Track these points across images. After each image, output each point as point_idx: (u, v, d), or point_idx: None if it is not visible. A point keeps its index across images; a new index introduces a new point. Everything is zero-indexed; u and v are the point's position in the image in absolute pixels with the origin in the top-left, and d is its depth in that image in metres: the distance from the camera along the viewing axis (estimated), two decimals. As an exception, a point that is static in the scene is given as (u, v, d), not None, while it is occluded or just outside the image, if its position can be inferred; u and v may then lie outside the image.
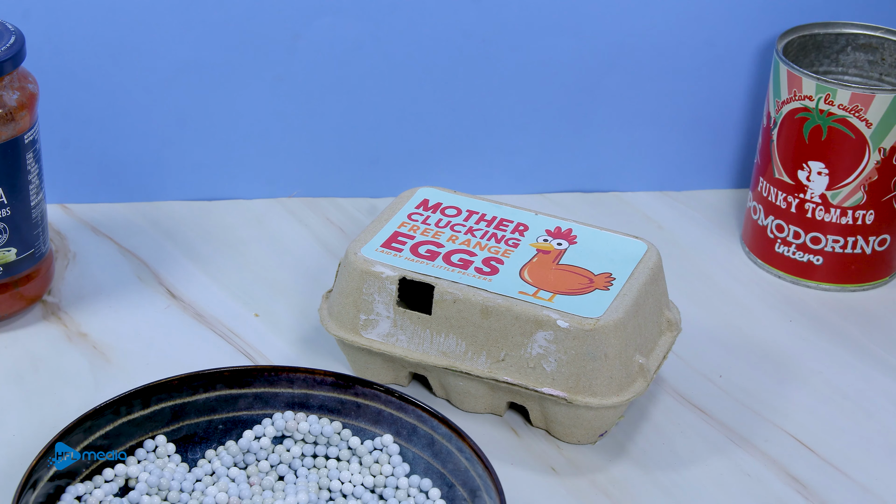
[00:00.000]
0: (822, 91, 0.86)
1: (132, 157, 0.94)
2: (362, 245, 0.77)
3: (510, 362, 0.74)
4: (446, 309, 0.75)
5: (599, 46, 0.95)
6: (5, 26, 0.79)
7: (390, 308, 0.76)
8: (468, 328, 0.74)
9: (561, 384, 0.73)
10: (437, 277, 0.75)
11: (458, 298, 0.74)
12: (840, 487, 0.74)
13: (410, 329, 0.76)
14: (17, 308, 0.83)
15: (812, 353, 0.85)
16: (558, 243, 0.78)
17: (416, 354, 0.76)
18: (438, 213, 0.81)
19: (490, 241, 0.79)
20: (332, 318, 0.78)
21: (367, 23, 0.92)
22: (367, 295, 0.76)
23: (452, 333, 0.75)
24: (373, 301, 0.76)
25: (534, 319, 0.73)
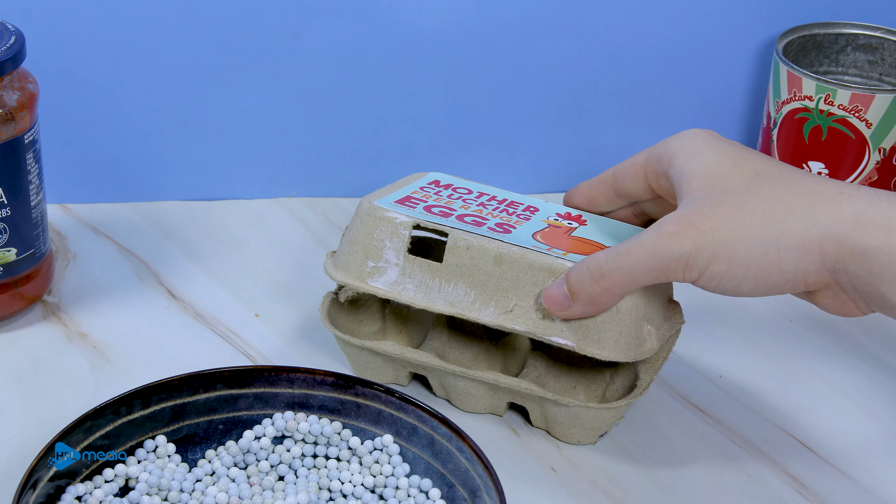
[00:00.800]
0: (822, 91, 0.86)
1: (132, 157, 0.94)
2: (377, 198, 0.77)
3: (519, 313, 0.73)
4: (459, 256, 0.74)
5: (599, 46, 0.95)
6: (5, 26, 0.79)
7: (400, 255, 0.75)
8: (479, 277, 0.73)
9: (569, 335, 0.72)
10: (452, 227, 0.75)
11: (471, 245, 0.73)
12: (840, 487, 0.75)
13: (419, 277, 0.75)
14: (17, 308, 0.83)
15: (812, 353, 0.85)
16: (569, 223, 0.78)
17: (421, 302, 0.74)
18: (450, 190, 0.80)
19: (502, 213, 0.78)
20: (338, 268, 0.77)
21: (367, 23, 0.92)
22: (378, 241, 0.75)
23: (462, 283, 0.74)
24: (383, 247, 0.75)
25: (547, 268, 0.72)
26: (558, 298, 0.70)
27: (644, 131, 0.99)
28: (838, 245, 0.64)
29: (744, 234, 0.64)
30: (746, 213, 0.65)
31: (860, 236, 0.63)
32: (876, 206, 0.64)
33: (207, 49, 0.91)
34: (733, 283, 0.66)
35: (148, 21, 0.90)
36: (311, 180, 0.97)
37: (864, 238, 0.63)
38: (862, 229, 0.63)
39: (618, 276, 0.67)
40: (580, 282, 0.68)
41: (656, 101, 0.98)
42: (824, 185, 0.66)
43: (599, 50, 0.96)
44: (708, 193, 0.66)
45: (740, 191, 0.66)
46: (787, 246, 0.64)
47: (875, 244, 0.63)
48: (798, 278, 0.65)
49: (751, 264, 0.65)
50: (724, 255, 0.65)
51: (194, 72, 0.92)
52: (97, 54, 0.90)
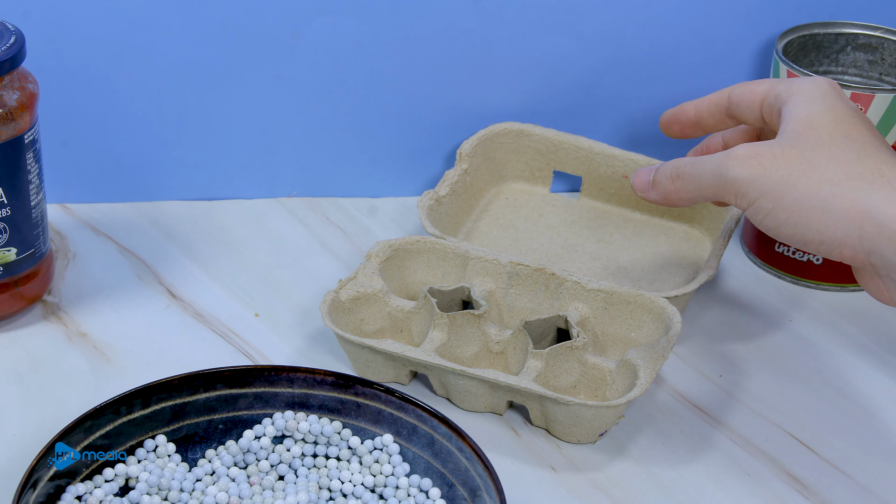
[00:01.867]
0: (821, 91, 0.86)
1: (132, 157, 0.94)
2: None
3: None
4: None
5: (599, 46, 0.95)
6: (5, 26, 0.79)
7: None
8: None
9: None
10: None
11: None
12: (840, 487, 0.75)
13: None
14: (17, 308, 0.83)
15: (812, 353, 0.85)
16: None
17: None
18: None
19: None
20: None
21: (367, 23, 0.92)
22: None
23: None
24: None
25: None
26: (642, 181, 0.75)
27: (644, 131, 0.99)
28: (879, 227, 0.66)
29: (798, 182, 0.68)
30: (810, 166, 0.68)
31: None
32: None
33: (207, 49, 0.91)
34: (775, 222, 0.69)
35: (148, 21, 0.90)
36: (311, 180, 0.97)
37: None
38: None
39: (688, 180, 0.72)
40: (662, 175, 0.74)
41: (656, 100, 0.98)
42: (892, 168, 0.68)
43: (599, 50, 0.95)
44: (793, 136, 0.70)
45: (819, 144, 0.69)
46: (832, 209, 0.67)
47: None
48: (833, 245, 0.68)
49: (794, 212, 0.68)
50: (773, 195, 0.68)
51: (194, 72, 0.92)
52: (97, 54, 0.90)
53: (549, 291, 0.83)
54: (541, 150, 0.96)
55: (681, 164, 0.73)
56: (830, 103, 0.71)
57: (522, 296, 0.83)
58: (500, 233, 0.92)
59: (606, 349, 0.82)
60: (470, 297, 0.82)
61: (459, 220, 0.92)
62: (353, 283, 0.81)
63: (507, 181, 0.97)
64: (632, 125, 0.99)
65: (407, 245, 0.85)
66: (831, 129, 0.69)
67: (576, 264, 0.89)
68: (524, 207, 0.95)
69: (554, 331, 0.81)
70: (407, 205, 0.97)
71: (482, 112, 0.97)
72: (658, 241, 0.92)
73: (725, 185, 0.70)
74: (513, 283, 0.83)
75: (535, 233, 0.92)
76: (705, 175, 0.71)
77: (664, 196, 0.74)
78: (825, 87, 0.72)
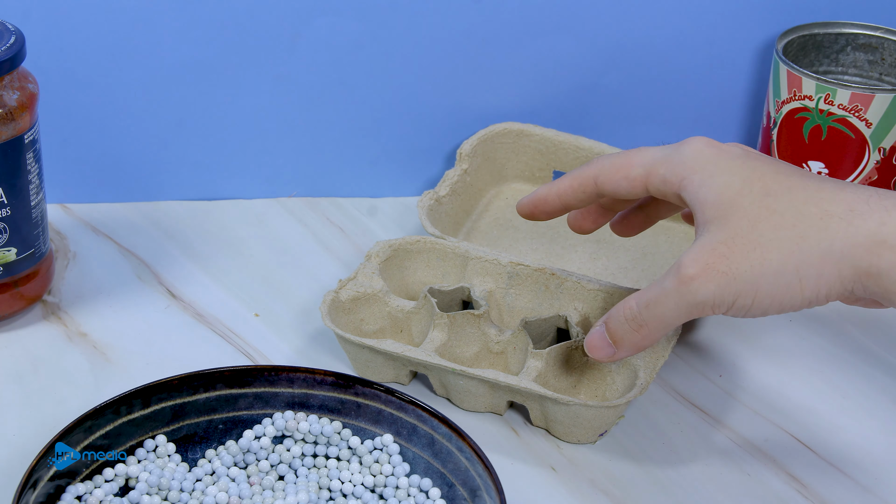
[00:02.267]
0: (821, 91, 0.86)
1: (132, 157, 0.94)
2: None
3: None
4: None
5: (599, 46, 0.95)
6: (5, 26, 0.79)
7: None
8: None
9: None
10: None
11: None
12: (840, 487, 0.75)
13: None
14: (17, 308, 0.83)
15: (812, 353, 0.85)
16: None
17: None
18: None
19: None
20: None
21: (367, 23, 0.92)
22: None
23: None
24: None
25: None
26: (602, 346, 0.73)
27: (644, 131, 0.99)
28: (854, 268, 0.66)
29: (763, 269, 0.67)
30: (762, 248, 0.67)
31: (873, 258, 0.66)
32: (886, 225, 0.66)
33: (207, 49, 0.91)
34: (760, 310, 0.68)
35: (148, 21, 0.90)
36: (311, 180, 0.97)
37: (877, 260, 0.65)
38: (874, 251, 0.65)
39: (654, 323, 0.70)
40: (621, 331, 0.71)
41: (656, 100, 0.98)
42: (834, 204, 0.67)
43: (599, 50, 0.95)
44: (722, 224, 0.68)
45: (753, 220, 0.67)
46: (807, 274, 0.66)
47: (887, 264, 0.65)
48: (820, 298, 0.67)
49: (775, 294, 0.67)
50: (748, 292, 0.67)
51: (194, 72, 0.92)
52: (97, 54, 0.90)
53: (549, 291, 0.83)
54: (541, 150, 0.96)
55: (635, 313, 0.71)
56: (725, 168, 0.69)
57: (522, 296, 0.83)
58: (500, 233, 0.92)
59: None
60: (470, 297, 0.82)
61: (459, 220, 0.92)
62: (353, 283, 0.81)
63: (508, 181, 0.97)
64: (632, 125, 0.99)
65: (407, 245, 0.85)
66: (747, 195, 0.68)
67: (576, 264, 0.89)
68: None
69: (554, 331, 0.81)
70: (407, 205, 0.97)
71: (482, 112, 0.97)
72: (658, 241, 0.92)
73: (698, 309, 0.68)
74: (513, 283, 0.83)
75: (534, 233, 0.92)
76: (671, 311, 0.69)
77: (635, 349, 0.72)
78: (708, 153, 0.70)
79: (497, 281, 0.84)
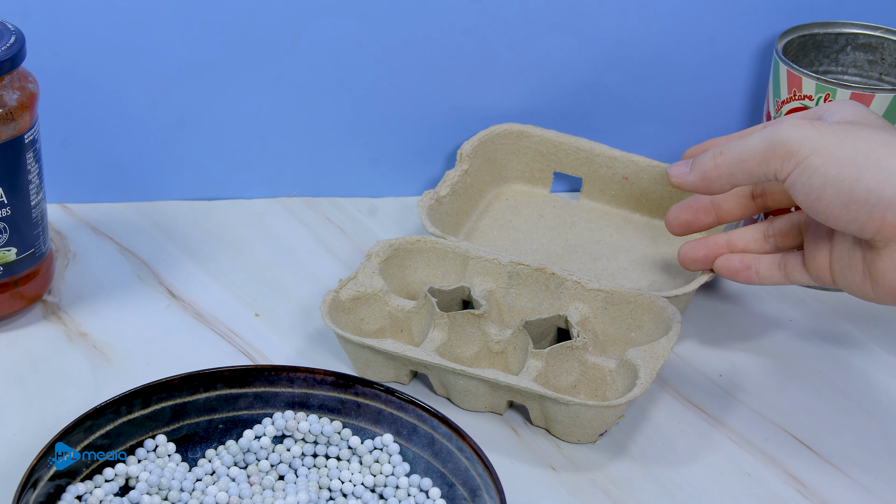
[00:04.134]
0: (821, 91, 0.86)
1: (132, 156, 0.94)
2: None
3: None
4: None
5: (599, 46, 0.95)
6: (5, 26, 0.79)
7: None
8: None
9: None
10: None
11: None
12: (840, 487, 0.75)
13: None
14: (18, 308, 0.83)
15: (812, 353, 0.85)
16: None
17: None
18: None
19: None
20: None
21: (367, 23, 0.92)
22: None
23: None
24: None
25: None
26: (681, 166, 0.75)
27: (644, 131, 0.99)
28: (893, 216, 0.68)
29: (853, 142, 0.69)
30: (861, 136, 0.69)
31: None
32: None
33: (207, 49, 0.91)
34: (822, 180, 0.69)
35: (148, 21, 0.90)
36: (311, 180, 0.97)
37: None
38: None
39: (731, 154, 0.72)
40: (703, 158, 0.74)
41: (656, 100, 0.98)
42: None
43: (599, 50, 0.96)
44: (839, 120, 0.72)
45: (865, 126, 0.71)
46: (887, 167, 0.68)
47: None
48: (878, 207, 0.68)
49: (845, 167, 0.68)
50: (826, 151, 0.69)
51: (194, 72, 0.92)
52: (97, 54, 0.90)
53: (549, 291, 0.83)
54: (541, 152, 0.96)
55: (722, 145, 0.74)
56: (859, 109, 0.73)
57: (522, 295, 0.83)
58: (500, 233, 0.92)
59: (606, 349, 0.82)
60: (470, 297, 0.82)
61: (460, 221, 0.92)
62: (354, 282, 0.81)
63: (508, 182, 0.97)
64: (632, 125, 0.99)
65: (407, 245, 0.85)
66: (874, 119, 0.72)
67: (576, 264, 0.89)
68: (525, 208, 0.95)
69: (554, 330, 0.81)
70: (407, 205, 0.97)
71: (482, 112, 0.97)
72: (658, 242, 0.92)
73: (775, 148, 0.70)
74: (513, 282, 0.83)
75: (535, 233, 0.92)
76: (752, 143, 0.71)
77: (703, 177, 0.74)
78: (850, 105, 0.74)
79: (497, 281, 0.84)
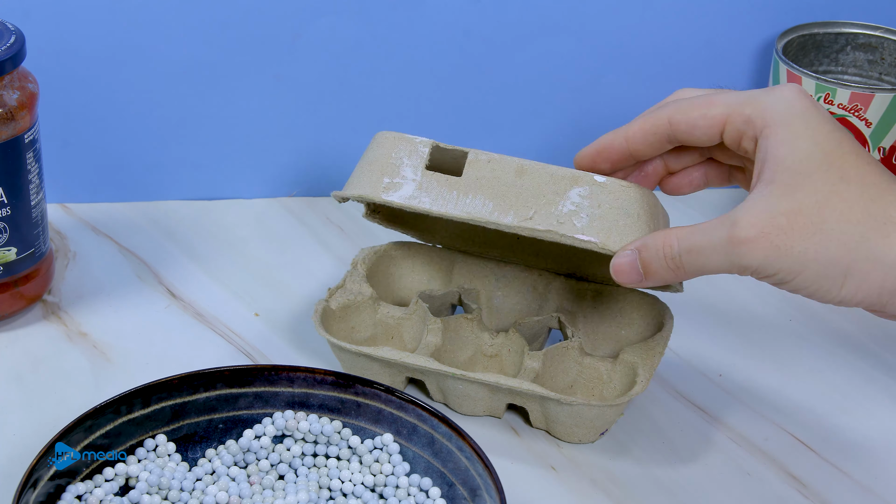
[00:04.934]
0: (821, 90, 0.86)
1: (132, 156, 0.94)
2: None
3: (538, 219, 0.72)
4: (479, 169, 0.73)
5: (599, 46, 0.95)
6: (5, 26, 0.79)
7: (418, 171, 0.74)
8: (499, 188, 0.73)
9: (593, 234, 0.71)
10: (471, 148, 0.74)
11: (493, 159, 0.73)
12: (840, 487, 0.75)
13: (436, 191, 0.74)
14: (18, 308, 0.83)
15: (812, 352, 0.85)
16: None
17: (438, 211, 0.73)
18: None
19: None
20: (350, 186, 0.76)
21: (367, 23, 0.92)
22: (396, 159, 0.74)
23: (481, 194, 0.73)
24: (401, 165, 0.74)
25: (570, 176, 0.72)
26: (630, 272, 0.70)
27: (644, 131, 0.99)
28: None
29: (817, 256, 0.66)
30: (823, 234, 0.66)
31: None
32: None
33: (207, 49, 0.91)
34: (794, 289, 0.67)
35: (148, 21, 0.90)
36: (311, 180, 0.97)
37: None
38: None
39: (692, 269, 0.69)
40: (656, 265, 0.70)
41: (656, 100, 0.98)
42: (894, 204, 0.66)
43: (599, 50, 0.96)
44: (788, 192, 0.66)
45: (821, 202, 0.66)
46: (853, 274, 0.66)
47: None
48: (853, 301, 0.67)
49: (815, 283, 0.66)
50: (793, 271, 0.66)
51: (194, 72, 0.92)
52: (97, 54, 0.90)
53: (536, 292, 0.83)
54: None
55: (674, 251, 0.69)
56: (812, 132, 0.67)
57: (510, 297, 0.83)
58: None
59: (597, 347, 0.82)
60: (461, 301, 0.82)
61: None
62: (342, 291, 0.81)
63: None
64: (632, 125, 0.99)
65: (392, 251, 0.84)
66: (824, 172, 0.66)
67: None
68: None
69: (546, 331, 0.81)
70: (407, 205, 0.97)
71: (482, 112, 0.97)
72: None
73: (738, 270, 0.67)
74: (500, 284, 0.83)
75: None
76: (712, 264, 0.68)
77: (663, 282, 0.70)
78: (800, 105, 0.68)
79: (484, 283, 0.83)
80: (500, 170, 0.73)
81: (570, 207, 0.72)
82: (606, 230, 0.71)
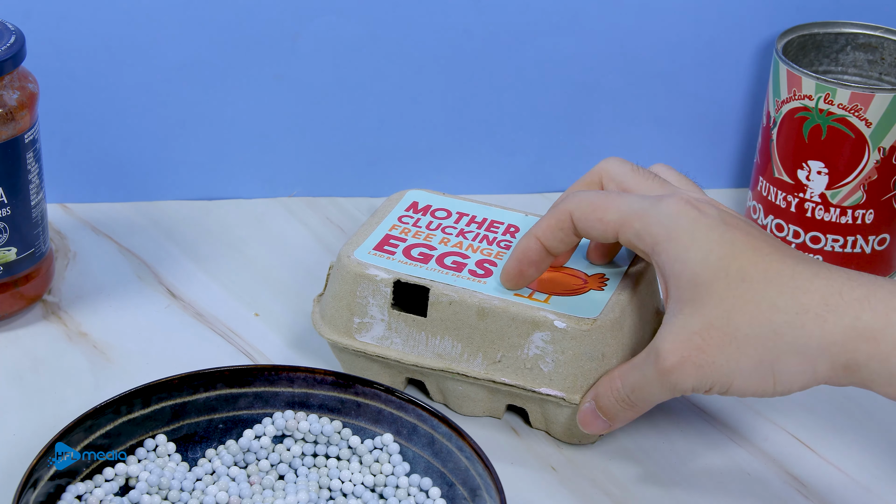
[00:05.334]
0: (821, 90, 0.86)
1: (132, 156, 0.94)
2: (355, 248, 0.77)
3: (507, 363, 0.74)
4: (442, 311, 0.74)
5: (599, 46, 0.95)
6: (5, 26, 0.79)
7: (385, 311, 0.76)
8: (464, 330, 0.74)
9: (559, 384, 0.73)
10: (433, 280, 0.75)
11: (453, 300, 0.74)
12: (840, 487, 0.74)
13: (405, 332, 0.76)
14: (18, 308, 0.83)
15: (812, 352, 0.85)
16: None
17: (411, 357, 0.75)
18: (429, 216, 0.81)
19: (482, 243, 0.79)
20: (325, 322, 0.77)
21: (367, 23, 0.92)
22: (361, 298, 0.76)
23: (448, 335, 0.75)
24: (367, 304, 0.76)
25: (531, 320, 0.73)
26: (595, 422, 0.72)
27: (643, 131, 0.99)
28: (831, 363, 0.65)
29: (739, 365, 0.66)
30: (738, 342, 0.66)
31: (850, 353, 0.65)
32: (860, 320, 0.65)
33: (207, 49, 0.91)
34: (733, 394, 0.68)
35: (148, 21, 0.90)
36: (311, 180, 0.97)
37: (854, 354, 0.65)
38: (850, 346, 0.65)
39: (644, 403, 0.71)
40: (614, 410, 0.71)
41: (656, 100, 0.98)
42: (808, 295, 0.66)
43: (599, 50, 0.96)
44: (696, 309, 0.67)
45: (728, 310, 0.66)
46: (781, 370, 0.66)
47: (865, 356, 0.65)
48: (794, 390, 0.67)
49: (748, 386, 0.67)
50: (724, 383, 0.67)
51: (194, 72, 0.92)
52: (97, 54, 0.90)
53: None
54: None
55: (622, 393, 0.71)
56: (701, 242, 0.67)
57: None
58: None
59: None
60: None
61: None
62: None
63: None
64: (632, 125, 0.99)
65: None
66: (725, 279, 0.66)
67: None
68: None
69: None
70: (407, 205, 0.97)
71: (482, 112, 0.97)
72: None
73: (680, 393, 0.69)
74: None
75: None
76: (656, 395, 0.69)
77: (630, 420, 0.72)
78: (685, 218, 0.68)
79: None
80: (463, 312, 0.74)
81: (535, 351, 0.73)
82: (573, 378, 0.73)
